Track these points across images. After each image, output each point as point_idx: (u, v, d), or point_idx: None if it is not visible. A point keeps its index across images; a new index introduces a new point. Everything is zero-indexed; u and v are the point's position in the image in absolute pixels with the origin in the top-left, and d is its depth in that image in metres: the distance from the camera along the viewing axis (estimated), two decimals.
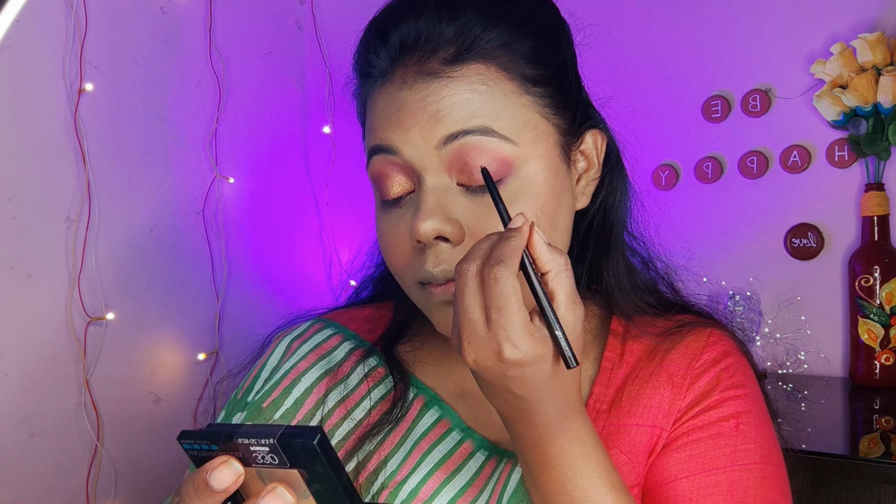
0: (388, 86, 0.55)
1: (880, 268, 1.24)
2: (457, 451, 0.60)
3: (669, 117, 1.51)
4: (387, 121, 0.54)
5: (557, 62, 0.57)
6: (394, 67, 0.54)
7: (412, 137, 0.53)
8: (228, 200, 1.61)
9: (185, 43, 1.51)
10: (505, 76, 0.53)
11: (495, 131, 0.52)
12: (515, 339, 0.43)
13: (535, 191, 0.54)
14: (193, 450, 0.40)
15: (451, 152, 0.52)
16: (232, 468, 0.39)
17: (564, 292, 0.45)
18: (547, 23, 0.58)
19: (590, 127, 0.61)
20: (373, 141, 0.56)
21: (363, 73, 0.58)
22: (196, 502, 0.40)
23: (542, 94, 0.55)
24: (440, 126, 0.52)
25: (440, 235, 0.53)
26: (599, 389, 0.60)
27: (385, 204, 0.57)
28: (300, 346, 0.69)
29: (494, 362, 0.44)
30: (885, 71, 1.25)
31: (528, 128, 0.54)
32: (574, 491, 0.48)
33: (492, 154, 0.52)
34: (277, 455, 0.38)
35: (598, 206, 0.64)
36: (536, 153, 0.54)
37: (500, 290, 0.43)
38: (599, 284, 0.65)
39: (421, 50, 0.53)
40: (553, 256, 0.46)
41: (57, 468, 1.24)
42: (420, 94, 0.53)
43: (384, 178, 0.55)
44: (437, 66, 0.53)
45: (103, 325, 1.32)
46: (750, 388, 0.59)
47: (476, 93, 0.52)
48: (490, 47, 0.53)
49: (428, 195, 0.53)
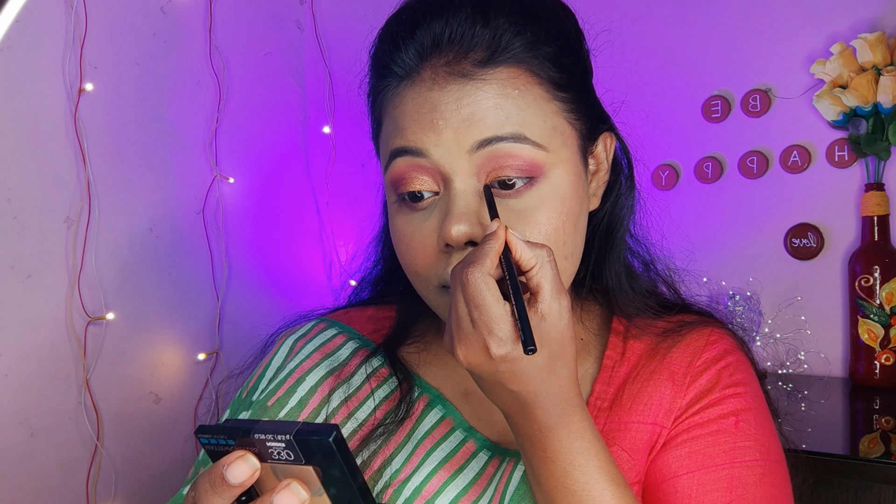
0: (416, 86, 0.53)
1: (880, 268, 1.25)
2: (460, 450, 0.60)
3: (669, 117, 1.51)
4: (417, 122, 0.53)
5: (579, 67, 0.58)
6: (422, 66, 0.53)
7: (444, 140, 0.52)
8: (228, 200, 1.61)
9: (185, 43, 1.51)
10: (534, 81, 0.53)
11: (528, 138, 0.52)
12: (498, 332, 0.44)
13: (562, 195, 0.54)
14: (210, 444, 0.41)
15: (483, 157, 0.52)
16: (248, 463, 0.39)
17: (549, 283, 0.46)
18: (569, 28, 0.58)
19: (604, 130, 0.61)
20: (398, 142, 0.54)
21: (384, 71, 0.57)
22: (212, 496, 0.40)
23: (567, 98, 0.56)
24: (474, 130, 0.52)
25: (470, 239, 0.52)
26: (601, 387, 0.61)
27: (404, 204, 0.56)
28: (304, 345, 0.69)
29: (484, 359, 0.45)
30: (885, 71, 1.25)
31: (557, 133, 0.54)
32: (574, 486, 0.48)
33: (523, 160, 0.52)
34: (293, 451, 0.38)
35: (605, 209, 0.64)
36: (564, 158, 0.55)
37: (473, 289, 0.45)
38: (601, 284, 0.65)
39: (453, 50, 0.52)
40: (534, 252, 0.47)
41: (57, 468, 1.24)
42: (453, 96, 0.52)
43: (407, 180, 0.54)
44: (470, 67, 0.52)
45: (103, 325, 1.32)
46: (750, 386, 0.60)
47: (508, 97, 0.52)
48: (520, 51, 0.53)
49: (459, 199, 0.53)
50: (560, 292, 0.46)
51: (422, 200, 0.55)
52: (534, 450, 0.49)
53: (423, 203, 0.55)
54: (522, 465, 0.57)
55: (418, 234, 0.55)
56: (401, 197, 0.56)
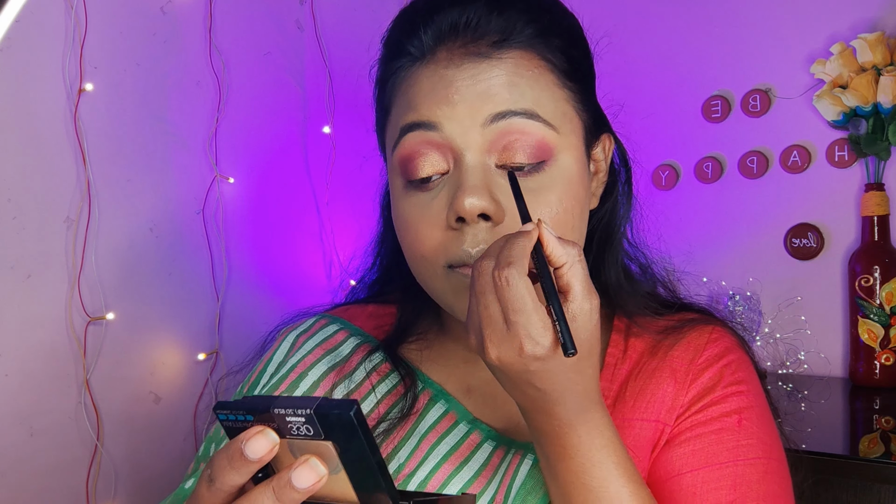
0: (431, 65, 0.55)
1: (880, 268, 1.25)
2: (464, 442, 0.60)
3: (669, 117, 1.51)
4: (432, 97, 0.54)
5: (586, 62, 0.60)
6: (438, 48, 0.55)
7: (458, 113, 0.53)
8: (228, 200, 1.61)
9: (185, 43, 1.51)
10: (546, 66, 0.55)
11: (540, 116, 0.54)
12: (536, 336, 0.44)
13: (569, 179, 0.55)
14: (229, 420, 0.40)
15: (496, 131, 0.53)
16: (268, 437, 0.39)
17: (580, 283, 0.46)
18: (573, 23, 0.61)
19: (605, 130, 0.63)
20: (410, 117, 0.55)
21: (398, 53, 0.58)
22: (229, 472, 0.40)
23: (574, 89, 0.57)
24: (489, 103, 0.53)
25: (483, 213, 0.53)
26: (603, 384, 0.61)
27: (410, 186, 0.56)
28: (306, 340, 0.69)
29: (516, 358, 0.45)
30: (885, 71, 1.25)
31: (566, 119, 0.56)
32: (592, 482, 0.48)
33: (535, 137, 0.53)
34: (313, 426, 0.38)
35: (604, 210, 0.65)
36: (572, 144, 0.56)
37: (514, 293, 0.44)
38: (600, 283, 0.65)
39: (469, 34, 0.54)
40: (566, 249, 0.46)
41: (57, 468, 1.24)
42: (469, 73, 0.53)
43: (416, 156, 0.55)
44: (485, 48, 0.54)
45: (103, 325, 1.32)
46: (751, 384, 0.60)
47: (522, 77, 0.54)
48: (532, 37, 0.55)
49: (472, 172, 0.53)
50: (591, 292, 0.46)
51: (429, 182, 0.55)
52: (552, 446, 0.49)
53: (430, 184, 0.55)
54: (530, 459, 0.57)
55: (427, 214, 0.55)
56: (408, 181, 0.56)
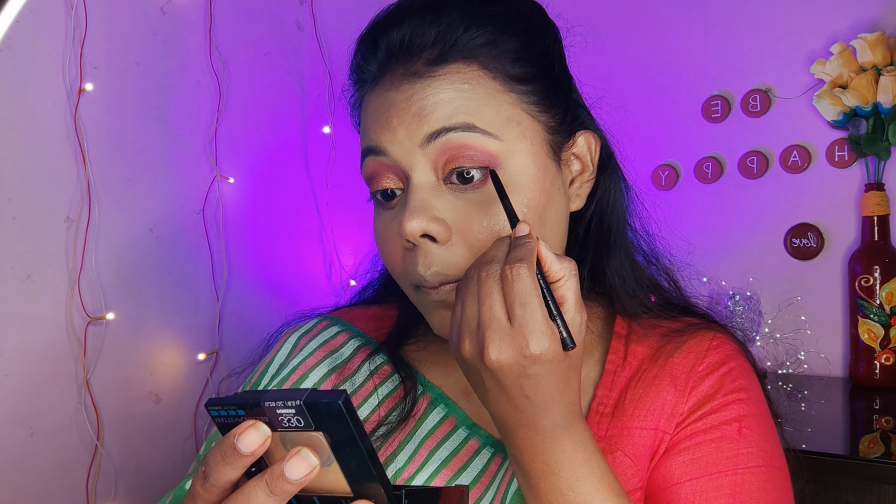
0: (376, 89, 0.56)
1: (880, 268, 1.25)
2: (463, 448, 0.60)
3: (669, 117, 1.51)
4: (375, 122, 0.56)
5: (544, 61, 0.58)
6: (383, 72, 0.56)
7: (398, 136, 0.54)
8: (228, 200, 1.61)
9: (185, 43, 1.51)
10: (487, 75, 0.54)
11: (477, 127, 0.53)
12: (540, 334, 0.44)
13: (521, 185, 0.54)
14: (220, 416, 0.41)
15: (436, 149, 0.53)
16: (259, 431, 0.39)
17: (573, 297, 0.47)
18: (533, 22, 0.59)
19: (581, 128, 0.61)
20: (364, 143, 0.57)
21: (357, 81, 0.60)
22: (223, 467, 0.40)
23: (528, 91, 0.56)
24: (424, 124, 0.53)
25: (426, 234, 0.53)
26: (603, 392, 0.60)
27: (379, 204, 0.59)
28: (308, 342, 0.69)
29: (517, 359, 0.45)
30: (885, 71, 1.25)
31: (512, 124, 0.55)
32: (577, 498, 0.48)
33: (475, 149, 0.53)
34: (303, 417, 0.38)
35: (593, 208, 0.64)
36: (521, 148, 0.55)
37: (523, 286, 0.45)
38: (602, 285, 0.65)
39: (407, 53, 0.55)
40: (563, 264, 0.47)
41: (57, 468, 1.24)
42: (405, 95, 0.54)
43: (376, 178, 0.57)
44: (422, 67, 0.54)
45: (103, 325, 1.32)
46: (752, 391, 0.60)
47: (458, 91, 0.53)
48: (473, 46, 0.54)
49: (414, 194, 0.54)
50: (582, 307, 0.47)
51: (392, 199, 0.57)
52: (534, 463, 0.48)
53: (392, 202, 0.57)
54: None
55: (388, 233, 0.57)
56: (374, 196, 0.58)
